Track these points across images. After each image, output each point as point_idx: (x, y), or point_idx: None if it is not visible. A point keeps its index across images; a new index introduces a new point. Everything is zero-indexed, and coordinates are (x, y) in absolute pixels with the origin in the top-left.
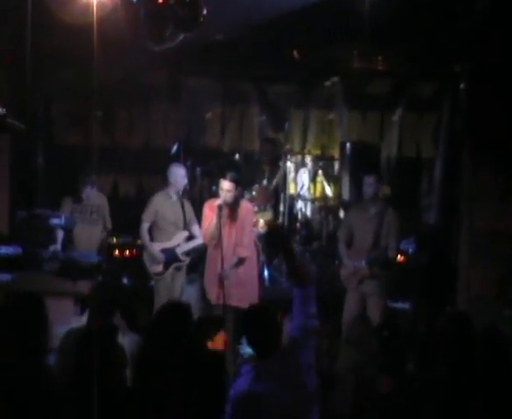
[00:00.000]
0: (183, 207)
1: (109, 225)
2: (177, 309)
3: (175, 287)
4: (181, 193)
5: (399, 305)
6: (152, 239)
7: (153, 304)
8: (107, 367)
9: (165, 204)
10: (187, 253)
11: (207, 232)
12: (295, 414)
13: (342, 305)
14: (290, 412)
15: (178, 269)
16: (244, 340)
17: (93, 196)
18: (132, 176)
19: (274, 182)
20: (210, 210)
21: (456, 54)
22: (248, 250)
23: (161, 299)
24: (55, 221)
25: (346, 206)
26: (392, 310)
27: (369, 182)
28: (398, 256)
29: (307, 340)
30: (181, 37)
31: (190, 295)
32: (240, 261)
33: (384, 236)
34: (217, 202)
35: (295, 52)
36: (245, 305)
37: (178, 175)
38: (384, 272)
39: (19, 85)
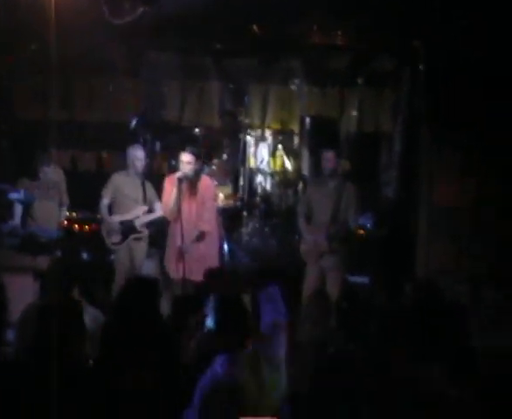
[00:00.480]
0: (143, 185)
1: (66, 201)
2: (145, 283)
3: (135, 258)
4: (140, 172)
5: (358, 279)
6: (112, 213)
7: (112, 280)
8: (67, 342)
9: (125, 182)
10: (146, 226)
11: (167, 205)
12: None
13: (302, 280)
14: None
15: (137, 239)
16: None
17: (50, 172)
18: (91, 151)
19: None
20: (170, 184)
21: (416, 29)
22: (209, 224)
23: (121, 270)
24: (14, 196)
25: (305, 180)
26: (351, 284)
27: (327, 157)
28: (358, 230)
29: (278, 336)
30: (140, 10)
31: (149, 269)
32: (201, 235)
33: (343, 211)
34: (177, 174)
35: (255, 27)
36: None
37: (136, 157)
38: (344, 247)
39: None
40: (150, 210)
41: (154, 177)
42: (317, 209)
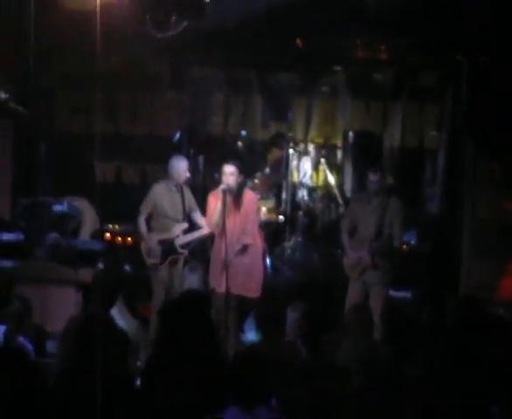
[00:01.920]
0: (183, 198)
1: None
2: (198, 298)
3: (172, 279)
4: (181, 184)
5: (402, 294)
6: (151, 229)
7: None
8: (108, 353)
9: (164, 196)
10: (185, 245)
11: (212, 219)
12: None
13: (344, 294)
14: None
15: (175, 262)
16: (246, 328)
17: (75, 208)
18: (135, 164)
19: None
20: (214, 199)
21: (459, 44)
22: (252, 237)
23: (158, 290)
24: (58, 208)
25: (348, 196)
26: (396, 299)
27: (374, 179)
28: (402, 246)
29: None
30: (184, 24)
31: (191, 283)
32: (244, 248)
33: (387, 226)
34: (221, 187)
35: (299, 41)
36: (247, 293)
37: (179, 168)
38: (387, 262)
39: (22, 74)
40: (190, 222)
41: (197, 191)
42: (361, 226)
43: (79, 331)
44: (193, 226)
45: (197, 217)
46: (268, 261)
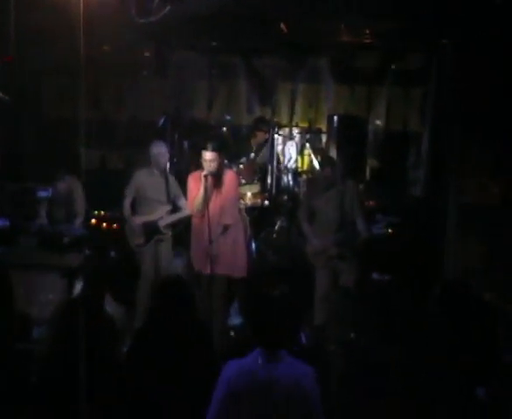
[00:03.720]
0: (167, 182)
1: (81, 208)
2: (182, 283)
3: (160, 258)
4: (163, 169)
5: (378, 276)
6: (136, 213)
7: (138, 276)
8: (94, 337)
9: (147, 180)
10: (170, 226)
11: (194, 204)
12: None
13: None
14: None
15: (160, 241)
16: (232, 312)
17: (65, 188)
18: (120, 150)
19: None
20: (194, 182)
21: (443, 26)
22: (233, 217)
23: (146, 270)
24: (42, 194)
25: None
26: (377, 283)
27: (327, 172)
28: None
29: None
30: (167, 9)
31: (177, 267)
32: (225, 228)
33: (348, 213)
34: (203, 173)
35: (282, 25)
36: (233, 273)
37: (158, 153)
38: (354, 251)
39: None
40: (175, 207)
41: (181, 176)
42: (320, 213)
43: (65, 316)
44: (177, 210)
45: (182, 203)
46: (253, 245)
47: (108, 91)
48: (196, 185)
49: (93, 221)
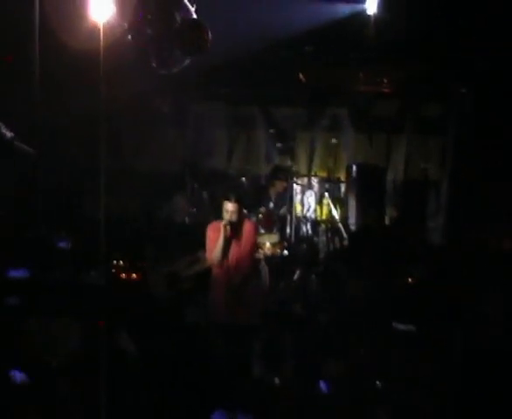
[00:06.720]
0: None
1: None
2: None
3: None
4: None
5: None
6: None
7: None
8: None
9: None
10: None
11: (213, 253)
12: None
13: None
14: None
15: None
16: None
17: None
18: (139, 198)
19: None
20: (213, 232)
21: (462, 76)
22: (250, 266)
23: None
24: (62, 244)
25: (352, 229)
26: None
27: None
28: None
29: None
30: (187, 60)
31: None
32: (244, 278)
33: None
34: (223, 222)
35: (301, 75)
36: (250, 320)
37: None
38: None
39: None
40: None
41: (202, 226)
42: None
43: None
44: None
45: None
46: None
47: (128, 140)
48: (215, 235)
49: (113, 270)
